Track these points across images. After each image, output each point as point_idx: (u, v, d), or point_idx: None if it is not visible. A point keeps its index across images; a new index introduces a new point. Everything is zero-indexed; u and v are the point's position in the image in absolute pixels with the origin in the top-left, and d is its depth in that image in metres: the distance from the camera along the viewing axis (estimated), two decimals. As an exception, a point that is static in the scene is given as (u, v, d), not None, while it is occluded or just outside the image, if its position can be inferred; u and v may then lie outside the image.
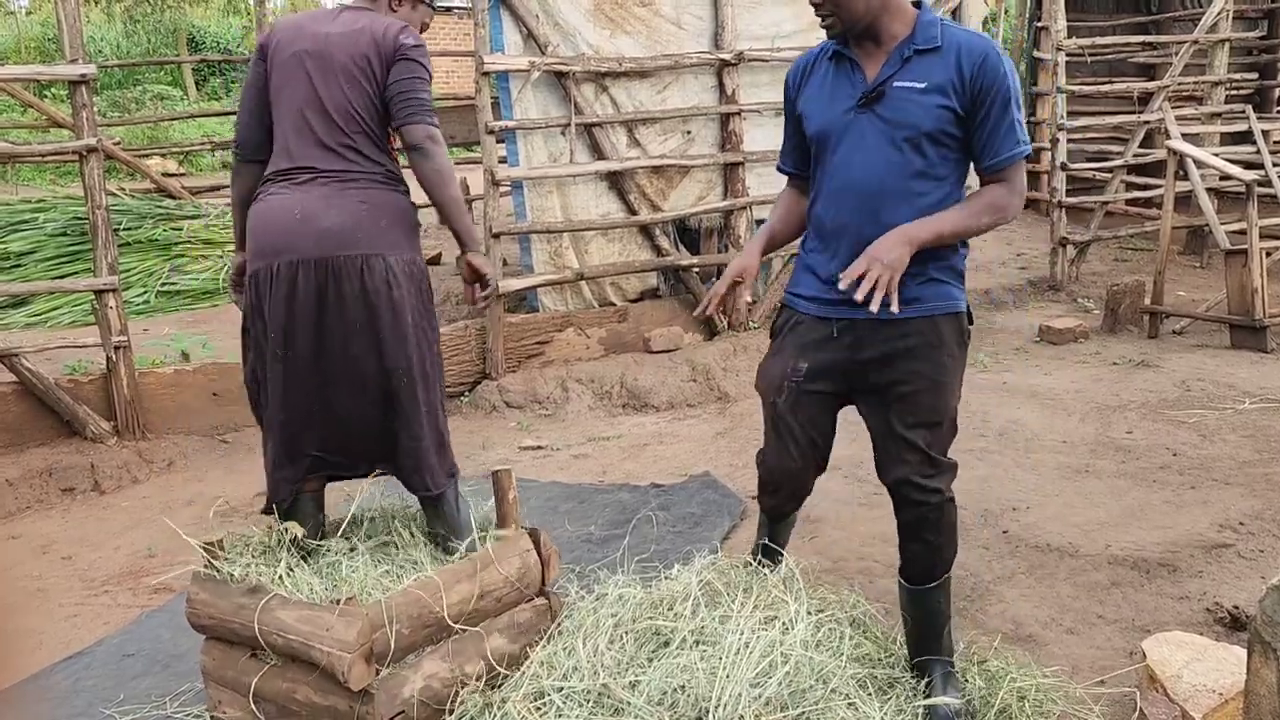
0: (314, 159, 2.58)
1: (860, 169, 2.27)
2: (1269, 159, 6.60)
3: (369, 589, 2.43)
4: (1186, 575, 3.15)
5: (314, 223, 2.52)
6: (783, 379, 2.42)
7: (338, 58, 2.61)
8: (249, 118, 2.70)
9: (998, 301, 7.17)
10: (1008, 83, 2.22)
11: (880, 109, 2.25)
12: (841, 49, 2.33)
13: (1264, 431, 4.33)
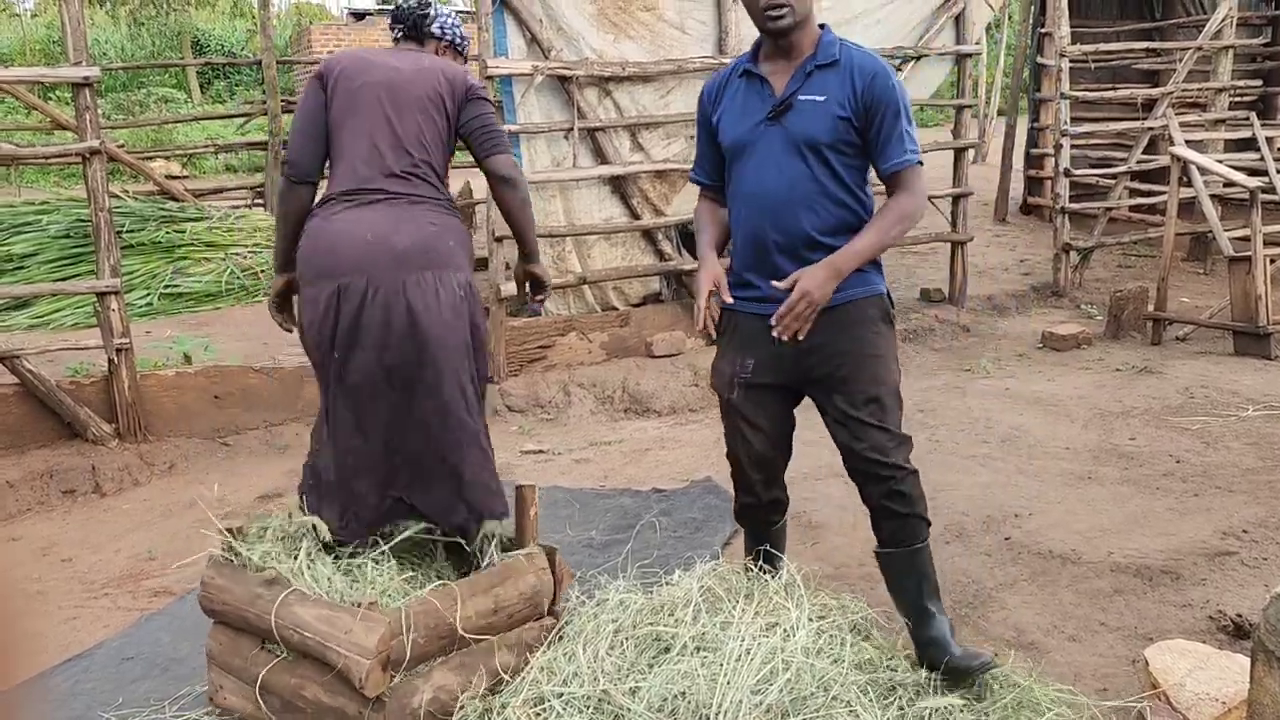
0: (381, 183, 2.64)
1: (771, 178, 2.47)
2: (1273, 165, 6.59)
3: (391, 594, 2.43)
4: (1189, 583, 3.13)
5: (386, 242, 2.55)
6: (733, 376, 2.59)
7: (413, 92, 2.72)
8: (306, 141, 2.72)
9: (1001, 307, 7.16)
10: (896, 96, 2.43)
11: (787, 121, 2.45)
12: (751, 67, 2.54)
13: (1268, 439, 4.31)
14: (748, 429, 2.62)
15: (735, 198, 2.56)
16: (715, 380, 2.69)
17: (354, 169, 2.66)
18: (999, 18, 17.32)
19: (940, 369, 5.99)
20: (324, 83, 2.74)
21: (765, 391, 2.58)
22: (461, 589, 2.41)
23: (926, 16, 6.61)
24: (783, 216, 2.46)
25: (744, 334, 2.57)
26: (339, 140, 2.70)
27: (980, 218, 9.83)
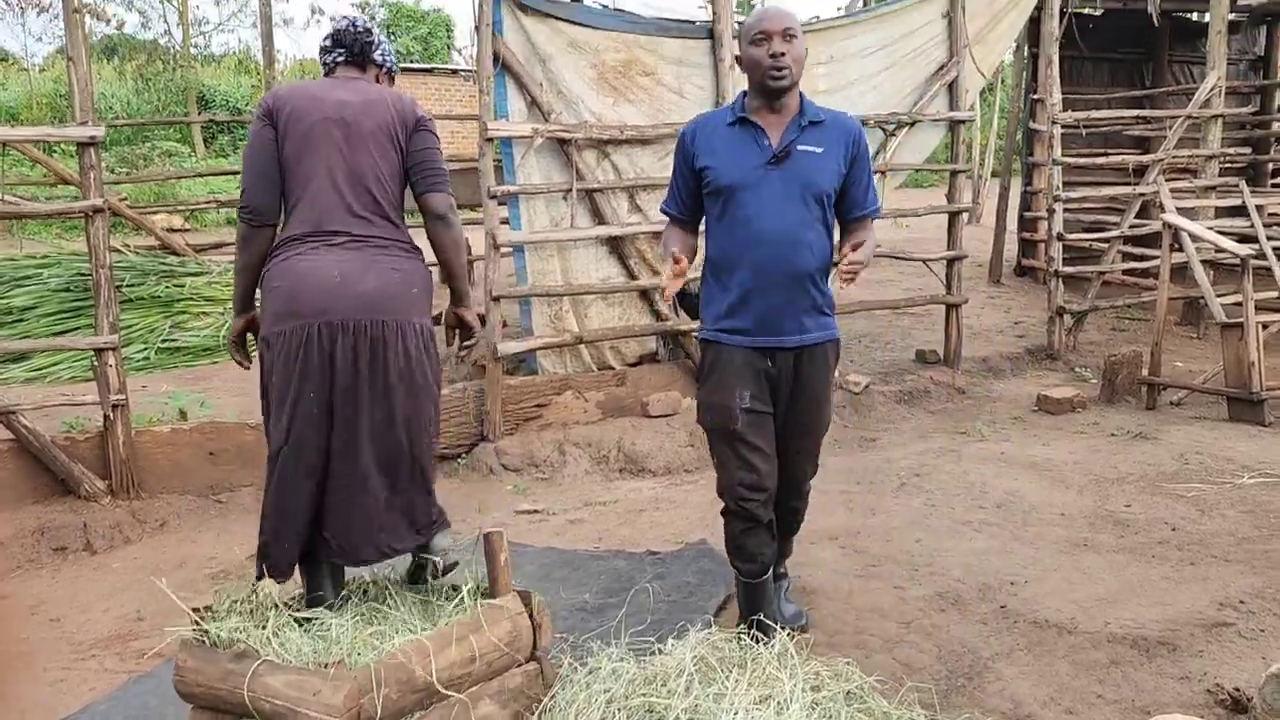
0: (345, 224, 2.64)
1: (774, 218, 2.78)
2: (1263, 233, 6.67)
3: (358, 651, 2.40)
4: (1187, 654, 3.11)
5: (354, 285, 2.58)
6: (736, 407, 2.87)
7: (365, 125, 2.70)
8: (262, 182, 2.68)
9: (996, 369, 7.19)
10: (869, 152, 2.95)
11: (787, 167, 2.79)
12: (746, 115, 2.84)
13: (1263, 507, 4.31)
14: (751, 453, 2.90)
15: (733, 236, 2.83)
16: (710, 415, 2.95)
17: (314, 209, 2.65)
18: (992, 82, 17.65)
19: (935, 431, 6.00)
20: (273, 120, 2.69)
21: (760, 417, 2.91)
22: (433, 640, 2.39)
23: (920, 84, 6.73)
24: (787, 253, 2.79)
25: (735, 368, 2.88)
26: (295, 179, 2.67)
27: (975, 279, 9.91)
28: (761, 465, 2.91)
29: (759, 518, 2.96)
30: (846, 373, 6.62)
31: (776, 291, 2.81)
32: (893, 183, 6.83)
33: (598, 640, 2.95)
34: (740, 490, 2.93)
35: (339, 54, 2.87)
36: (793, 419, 2.97)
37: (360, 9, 24.38)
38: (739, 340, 2.87)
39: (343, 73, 2.86)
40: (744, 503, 2.94)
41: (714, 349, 2.92)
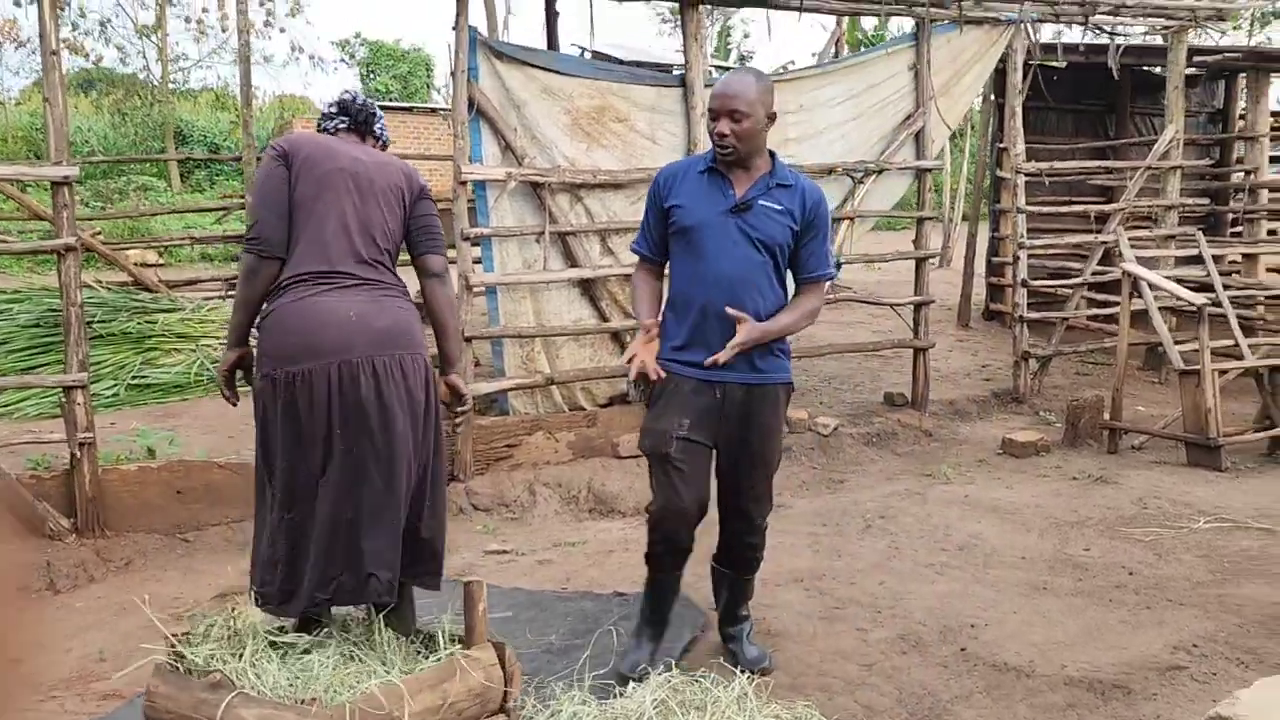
0: (352, 268, 2.74)
1: (729, 261, 2.97)
2: (1218, 281, 6.84)
3: (334, 689, 2.42)
4: (1141, 698, 3.17)
5: (369, 323, 2.69)
6: (672, 433, 3.01)
7: (378, 182, 2.85)
8: (275, 217, 2.75)
9: (962, 412, 7.29)
10: (828, 221, 3.12)
11: (747, 217, 2.99)
12: (715, 166, 3.05)
13: (1218, 551, 4.40)
14: (679, 480, 3.02)
15: (690, 273, 3.02)
16: (649, 440, 3.09)
17: (324, 251, 2.73)
18: (962, 128, 17.98)
19: (902, 473, 6.07)
20: (288, 162, 2.79)
21: (696, 448, 3.04)
22: (408, 684, 2.41)
23: (888, 133, 6.88)
24: (737, 293, 2.96)
25: (681, 396, 3.03)
26: (306, 220, 2.76)
27: (944, 322, 10.06)
28: (686, 494, 3.02)
29: (678, 541, 3.10)
30: (816, 414, 6.70)
31: (727, 328, 2.95)
32: (861, 229, 6.96)
33: (562, 682, 2.97)
34: (663, 513, 3.07)
35: (341, 121, 3.01)
36: (742, 456, 3.10)
37: (340, 47, 24.59)
38: (690, 371, 3.03)
39: (346, 137, 3.01)
40: (664, 525, 3.07)
41: (666, 377, 3.06)
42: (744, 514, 3.20)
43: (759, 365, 3.05)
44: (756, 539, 3.28)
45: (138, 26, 18.74)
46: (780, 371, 3.11)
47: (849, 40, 16.67)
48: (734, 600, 3.40)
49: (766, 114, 2.99)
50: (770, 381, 3.08)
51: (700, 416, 3.03)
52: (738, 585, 3.38)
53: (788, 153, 6.60)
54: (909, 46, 6.92)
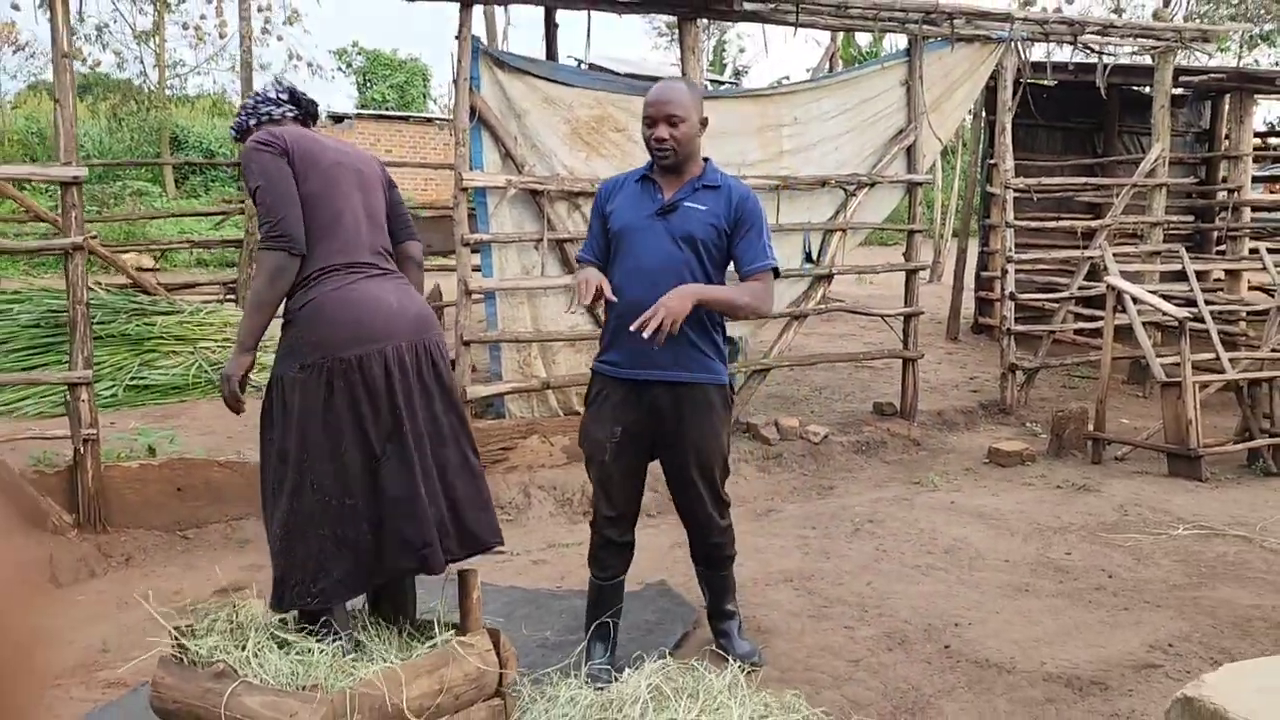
0: (373, 258, 2.84)
1: (650, 257, 3.10)
2: (1200, 296, 6.98)
3: (334, 676, 2.50)
4: (1117, 694, 3.27)
5: (408, 309, 2.82)
6: (607, 440, 3.16)
7: (367, 174, 2.95)
8: (296, 211, 2.72)
9: (950, 423, 7.41)
10: (760, 215, 3.19)
11: (671, 218, 3.13)
12: (650, 174, 3.20)
13: (1195, 557, 4.52)
14: (612, 487, 3.22)
15: (620, 271, 3.13)
16: (586, 444, 3.26)
17: (346, 244, 2.80)
18: (954, 144, 18.19)
19: (890, 481, 6.19)
20: (290, 158, 2.76)
21: (630, 453, 3.18)
22: (405, 671, 2.50)
23: (880, 147, 7.02)
24: (659, 286, 3.01)
25: (614, 402, 3.16)
26: (319, 214, 2.76)
27: (934, 335, 10.20)
28: (618, 498, 3.24)
29: (615, 541, 3.29)
30: (806, 423, 6.81)
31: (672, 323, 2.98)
32: (853, 241, 7.09)
33: (558, 674, 3.07)
34: (599, 519, 3.30)
35: (289, 109, 3.00)
36: (681, 459, 3.18)
37: (338, 56, 24.69)
38: (615, 371, 3.16)
39: (293, 128, 2.95)
40: (603, 529, 3.30)
41: (598, 380, 3.23)
42: (696, 515, 3.29)
43: (682, 362, 3.09)
44: (720, 538, 3.36)
45: (135, 32, 18.81)
46: (708, 372, 3.15)
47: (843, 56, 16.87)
48: (717, 595, 3.52)
49: (699, 119, 3.15)
50: (699, 382, 3.13)
51: (632, 423, 3.15)
52: (715, 580, 3.50)
53: (782, 165, 6.74)
54: (902, 62, 7.07)
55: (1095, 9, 22.16)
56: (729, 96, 7.19)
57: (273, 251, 2.68)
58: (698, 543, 3.40)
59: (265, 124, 2.95)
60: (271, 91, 3.04)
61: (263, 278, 2.71)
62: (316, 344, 2.67)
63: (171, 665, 2.56)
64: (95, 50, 18.61)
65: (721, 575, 3.49)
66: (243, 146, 2.91)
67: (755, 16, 6.55)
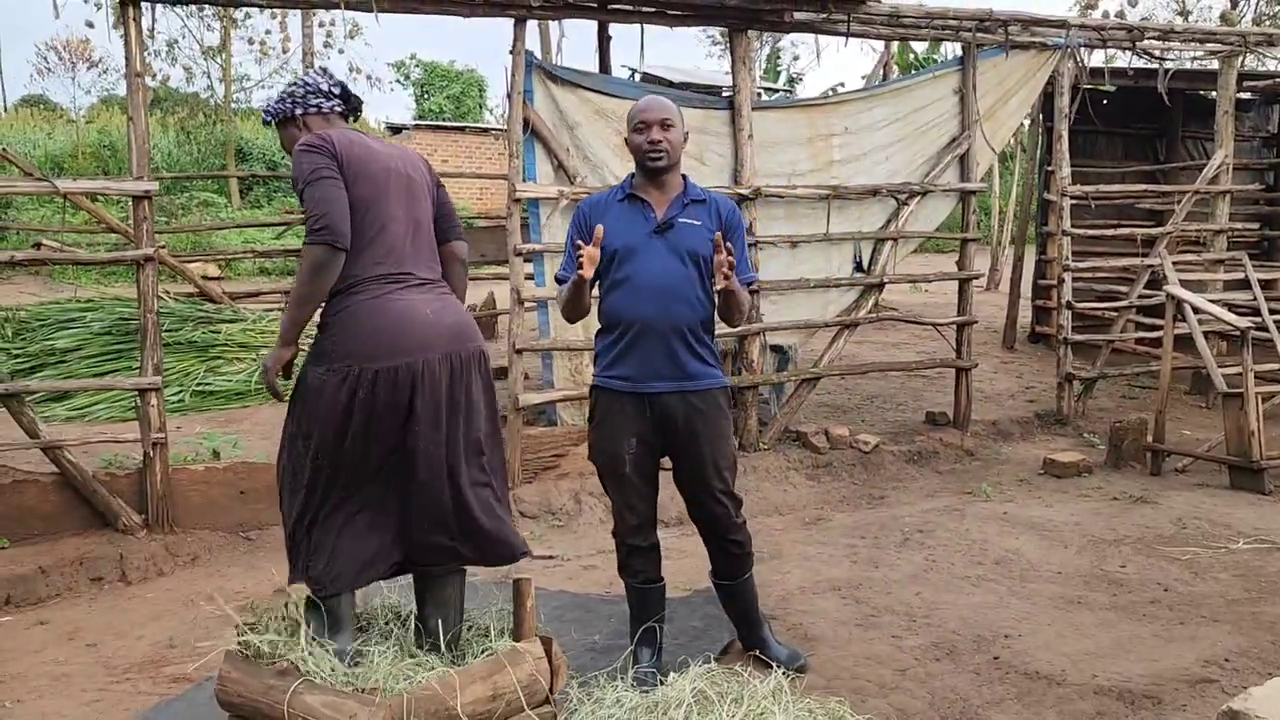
0: (415, 267, 2.87)
1: (658, 275, 3.18)
2: (1264, 305, 6.83)
3: (391, 679, 2.58)
4: (1170, 708, 3.24)
5: (445, 320, 2.85)
6: (623, 453, 3.25)
7: (414, 178, 2.95)
8: (343, 208, 2.72)
9: (1005, 433, 7.33)
10: (743, 230, 3.35)
11: (670, 235, 3.21)
12: (634, 193, 3.28)
13: (1255, 571, 4.43)
14: (634, 496, 3.30)
15: (626, 289, 3.20)
16: (602, 459, 3.33)
17: (390, 252, 2.80)
18: (1012, 150, 17.94)
19: (941, 491, 6.14)
20: (339, 161, 2.76)
21: (645, 460, 3.28)
22: (461, 676, 2.56)
23: (932, 156, 6.99)
24: (668, 305, 3.16)
25: (623, 416, 3.24)
26: (368, 221, 2.76)
27: (989, 344, 10.09)
28: (641, 506, 3.32)
29: (641, 546, 3.37)
30: (857, 432, 6.79)
31: (658, 341, 3.16)
32: (905, 250, 7.06)
33: (605, 676, 3.12)
34: (624, 529, 3.37)
35: (337, 104, 2.99)
36: (695, 462, 3.27)
37: (397, 68, 25.15)
38: (626, 386, 3.23)
39: (338, 122, 2.99)
40: (628, 538, 3.37)
41: (605, 395, 3.29)
42: (714, 516, 3.34)
43: (690, 370, 3.22)
44: (738, 534, 3.40)
45: (203, 48, 19.37)
46: (711, 377, 3.29)
47: (899, 63, 16.76)
48: (744, 608, 3.53)
49: (684, 131, 3.27)
50: (705, 387, 3.26)
51: (646, 432, 3.24)
52: (740, 591, 3.50)
53: (833, 174, 6.74)
54: (955, 70, 7.03)
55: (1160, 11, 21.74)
56: (779, 107, 7.20)
57: (316, 246, 2.67)
58: (717, 548, 3.43)
59: (310, 114, 2.95)
60: (324, 83, 2.99)
61: (305, 272, 2.69)
62: (347, 353, 2.72)
63: (237, 660, 2.65)
64: (165, 66, 19.18)
65: (744, 582, 3.49)
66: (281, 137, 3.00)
67: (806, 27, 6.57)
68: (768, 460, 6.31)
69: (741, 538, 3.42)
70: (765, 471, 6.21)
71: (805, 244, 6.61)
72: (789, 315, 6.66)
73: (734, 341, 6.49)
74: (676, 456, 3.31)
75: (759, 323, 6.48)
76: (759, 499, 5.91)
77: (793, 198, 6.51)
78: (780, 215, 6.55)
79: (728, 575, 3.47)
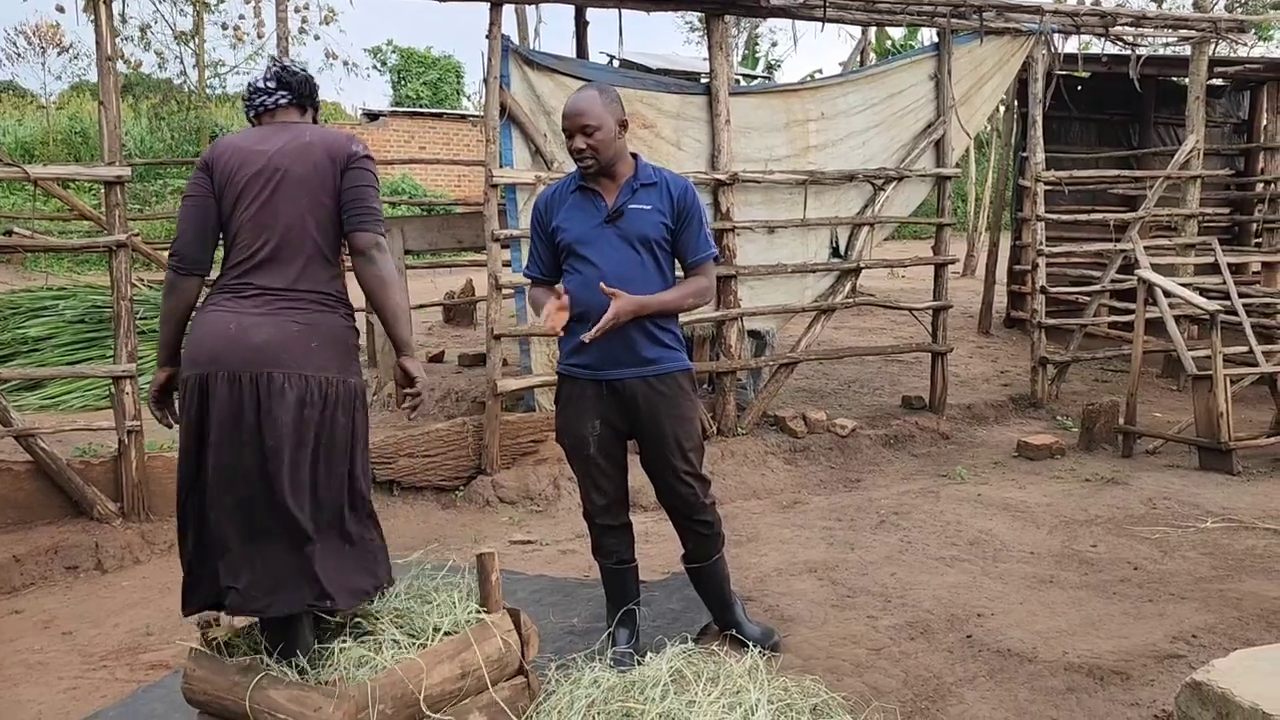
0: (263, 277, 2.66)
1: (610, 264, 3.20)
2: (1234, 289, 6.92)
3: (354, 669, 2.56)
4: (1138, 683, 3.30)
5: (246, 338, 2.59)
6: (587, 435, 3.31)
7: (295, 172, 2.70)
8: (192, 231, 2.72)
9: (980, 416, 7.40)
10: (699, 207, 3.33)
11: (620, 223, 3.24)
12: (585, 183, 3.29)
13: (1223, 549, 4.51)
14: (600, 476, 3.36)
15: (580, 281, 3.21)
16: (567, 441, 3.39)
17: (237, 261, 2.68)
18: (988, 136, 18.03)
19: (917, 474, 6.20)
20: (210, 173, 2.72)
21: (610, 441, 3.33)
22: (426, 658, 2.56)
23: (908, 141, 7.03)
24: (624, 290, 3.13)
25: (585, 400, 3.30)
26: (229, 230, 2.71)
27: (965, 329, 10.17)
28: (608, 486, 3.38)
29: (612, 526, 3.44)
30: (834, 416, 6.84)
31: (616, 331, 3.16)
32: (880, 235, 7.10)
33: (583, 658, 3.14)
34: (593, 509, 3.43)
35: (282, 95, 2.87)
36: (660, 445, 3.31)
37: (373, 54, 24.95)
38: (586, 374, 3.28)
39: (282, 116, 2.88)
40: (598, 518, 3.43)
41: (568, 382, 3.35)
42: (680, 497, 3.37)
43: (648, 356, 3.25)
44: (707, 515, 3.43)
45: (176, 33, 19.12)
46: (673, 360, 3.32)
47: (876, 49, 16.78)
48: (716, 589, 3.57)
49: (617, 122, 3.23)
50: (666, 370, 3.29)
51: (609, 415, 3.29)
52: (710, 572, 3.53)
53: (809, 160, 6.77)
54: (930, 56, 7.06)
55: (1133, -1, 21.86)
56: (756, 92, 7.22)
57: (168, 270, 2.79)
58: (686, 529, 3.46)
59: (263, 114, 2.88)
60: (260, 81, 2.89)
61: (162, 294, 2.81)
62: (183, 358, 2.72)
63: (201, 657, 2.63)
64: (137, 51, 18.92)
65: (715, 563, 3.52)
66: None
67: (783, 12, 6.58)
68: (746, 445, 6.35)
69: (710, 518, 3.45)
70: (743, 456, 6.25)
71: (782, 229, 6.64)
72: (766, 300, 6.69)
73: (711, 327, 6.52)
74: (640, 438, 3.35)
75: (737, 307, 6.51)
76: (737, 483, 5.95)
77: (770, 183, 6.54)
78: (758, 200, 6.57)
79: (698, 557, 3.51)
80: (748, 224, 6.49)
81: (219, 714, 2.62)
